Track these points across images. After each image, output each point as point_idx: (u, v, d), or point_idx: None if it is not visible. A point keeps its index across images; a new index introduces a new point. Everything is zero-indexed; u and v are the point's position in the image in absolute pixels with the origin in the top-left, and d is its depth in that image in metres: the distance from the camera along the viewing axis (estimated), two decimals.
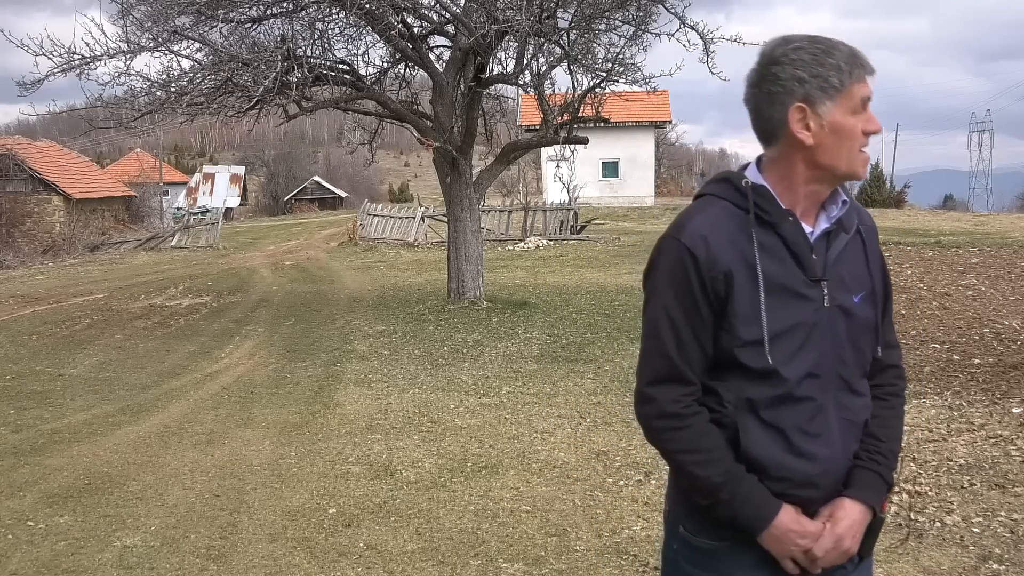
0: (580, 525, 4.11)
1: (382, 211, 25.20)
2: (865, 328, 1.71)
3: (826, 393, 1.67)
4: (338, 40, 10.89)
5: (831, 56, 1.61)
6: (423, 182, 79.93)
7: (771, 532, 1.63)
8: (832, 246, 1.68)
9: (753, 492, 1.63)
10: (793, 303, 1.63)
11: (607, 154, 34.71)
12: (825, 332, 1.65)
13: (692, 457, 1.67)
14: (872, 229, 1.76)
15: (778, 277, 1.63)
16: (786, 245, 1.64)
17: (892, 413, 1.77)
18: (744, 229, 1.64)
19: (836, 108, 1.61)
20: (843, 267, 1.68)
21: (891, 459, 1.72)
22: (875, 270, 1.73)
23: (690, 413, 1.67)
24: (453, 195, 11.11)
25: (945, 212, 31.80)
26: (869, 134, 1.64)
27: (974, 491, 4.31)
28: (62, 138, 43.81)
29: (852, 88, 1.60)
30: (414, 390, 6.98)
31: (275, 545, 4.02)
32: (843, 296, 1.67)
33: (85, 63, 9.38)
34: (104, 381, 7.86)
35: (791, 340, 1.63)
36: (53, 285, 16.74)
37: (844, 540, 1.65)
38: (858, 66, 1.61)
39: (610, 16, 10.20)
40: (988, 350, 7.48)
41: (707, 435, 1.67)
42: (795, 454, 1.64)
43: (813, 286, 1.65)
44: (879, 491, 1.70)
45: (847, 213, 1.70)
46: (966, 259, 14.03)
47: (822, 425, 1.66)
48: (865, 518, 1.68)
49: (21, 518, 4.46)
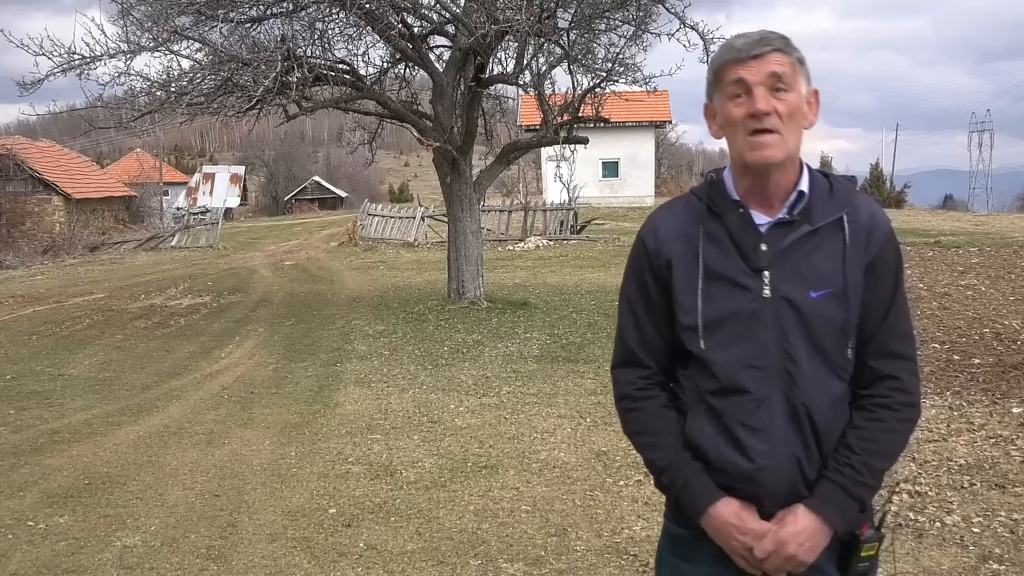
0: (580, 525, 4.11)
1: (382, 211, 25.20)
2: (826, 326, 1.61)
3: (769, 387, 1.61)
4: (338, 40, 10.90)
5: (719, 50, 1.68)
6: (423, 182, 79.86)
7: (709, 522, 1.65)
8: (787, 237, 1.62)
9: (693, 480, 1.66)
10: (731, 292, 1.63)
11: (607, 154, 34.69)
12: (766, 324, 1.61)
13: (642, 439, 1.76)
14: (868, 229, 1.64)
15: (719, 266, 1.64)
16: (730, 235, 1.65)
17: (877, 426, 1.62)
18: (698, 220, 1.69)
19: (719, 98, 1.65)
20: (800, 260, 1.62)
21: (863, 473, 1.60)
22: (853, 270, 1.62)
23: (642, 396, 1.75)
24: (453, 195, 11.11)
25: (945, 212, 31.83)
26: (751, 116, 1.59)
27: (974, 491, 4.30)
28: (62, 138, 43.80)
29: (723, 75, 1.62)
30: (414, 390, 6.98)
31: (275, 545, 4.02)
32: (793, 289, 1.61)
33: (85, 63, 9.38)
34: (104, 381, 7.86)
35: (726, 329, 1.63)
36: (53, 285, 16.74)
37: (787, 546, 1.58)
38: (728, 52, 1.62)
39: (610, 16, 10.20)
40: (988, 350, 7.47)
41: (658, 419, 1.73)
42: (733, 446, 1.63)
43: (754, 276, 1.62)
44: (839, 505, 1.59)
45: (822, 206, 1.64)
46: (966, 259, 14.02)
47: (764, 420, 1.61)
48: (820, 530, 1.59)
49: (21, 518, 4.46)
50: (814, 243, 1.63)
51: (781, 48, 1.60)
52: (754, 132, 1.59)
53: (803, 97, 1.64)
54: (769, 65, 1.58)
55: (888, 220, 1.68)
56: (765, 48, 1.59)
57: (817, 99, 1.68)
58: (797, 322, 1.61)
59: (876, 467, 1.61)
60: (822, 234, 1.63)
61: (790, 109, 1.60)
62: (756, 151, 1.60)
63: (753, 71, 1.58)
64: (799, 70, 1.63)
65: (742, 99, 1.60)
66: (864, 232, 1.63)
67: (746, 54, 1.59)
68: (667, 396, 1.75)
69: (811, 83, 1.67)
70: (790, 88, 1.60)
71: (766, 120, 1.58)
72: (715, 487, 1.65)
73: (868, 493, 1.62)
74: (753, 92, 1.58)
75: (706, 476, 1.66)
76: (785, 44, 1.62)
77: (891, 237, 1.67)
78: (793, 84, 1.61)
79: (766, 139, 1.58)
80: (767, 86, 1.58)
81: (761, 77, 1.58)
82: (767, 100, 1.58)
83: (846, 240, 1.62)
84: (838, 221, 1.63)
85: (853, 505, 1.61)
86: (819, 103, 1.69)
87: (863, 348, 1.65)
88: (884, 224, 1.66)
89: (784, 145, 1.60)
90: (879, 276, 1.64)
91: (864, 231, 1.64)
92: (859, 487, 1.60)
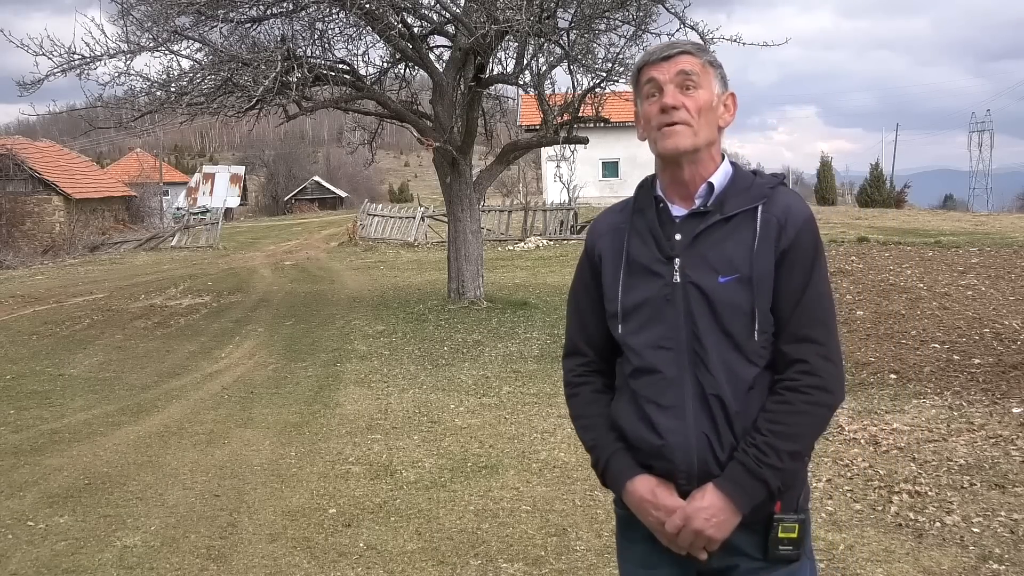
0: (580, 525, 4.11)
1: (382, 211, 25.20)
2: (732, 310, 1.67)
3: (679, 368, 1.70)
4: (338, 40, 10.91)
5: (638, 59, 1.82)
6: (423, 182, 79.90)
7: (628, 498, 1.77)
8: (698, 226, 1.72)
9: (614, 458, 1.79)
10: (647, 279, 1.75)
11: (607, 154, 34.66)
12: (677, 307, 1.71)
13: (577, 423, 1.92)
14: (781, 220, 1.69)
15: (638, 256, 1.77)
16: (650, 227, 1.77)
17: (784, 408, 1.67)
18: (629, 217, 1.83)
19: (641, 101, 1.79)
20: (709, 248, 1.70)
21: (768, 454, 1.64)
22: (762, 258, 1.67)
23: (579, 382, 1.92)
24: (453, 195, 11.11)
25: (945, 212, 31.80)
26: (661, 111, 1.71)
27: (974, 491, 4.30)
28: (62, 138, 43.82)
29: (640, 77, 1.77)
30: (414, 390, 6.98)
31: (275, 545, 4.02)
32: (700, 275, 1.69)
33: (85, 63, 9.38)
34: (104, 381, 7.86)
35: (641, 313, 1.75)
36: (53, 285, 16.74)
37: (693, 520, 1.65)
38: (644, 57, 1.79)
39: (610, 16, 10.19)
40: (988, 350, 7.47)
41: (591, 404, 1.88)
42: (644, 423, 1.73)
43: (666, 263, 1.73)
44: (744, 485, 1.64)
45: (735, 198, 1.72)
46: (966, 259, 14.02)
47: (674, 399, 1.70)
48: (725, 507, 1.64)
49: (21, 518, 4.46)
50: (725, 232, 1.71)
51: (690, 51, 1.74)
52: (665, 125, 1.71)
53: (715, 95, 1.75)
54: (678, 65, 1.72)
55: (805, 211, 1.74)
56: (674, 51, 1.74)
57: (734, 101, 1.81)
58: (705, 306, 1.69)
59: (781, 448, 1.65)
60: (735, 223, 1.71)
61: (699, 104, 1.71)
62: (664, 139, 1.72)
63: (663, 70, 1.72)
64: (711, 71, 1.75)
65: (656, 97, 1.73)
66: (777, 223, 1.70)
67: (657, 56, 1.74)
68: (603, 383, 1.89)
69: (727, 87, 1.80)
70: (699, 86, 1.72)
71: (675, 113, 1.70)
72: (635, 465, 1.75)
73: (774, 474, 1.65)
74: (663, 89, 1.72)
75: (627, 455, 1.77)
76: (696, 48, 1.76)
77: (807, 227, 1.72)
78: (702, 82, 1.73)
79: (675, 128, 1.71)
80: (676, 84, 1.71)
81: (670, 75, 1.72)
82: (675, 96, 1.71)
83: (756, 229, 1.69)
84: (751, 211, 1.71)
85: (758, 486, 1.65)
86: (736, 105, 1.81)
87: (777, 334, 1.71)
88: (799, 215, 1.72)
89: (693, 136, 1.71)
90: (792, 264, 1.69)
91: (777, 221, 1.70)
92: (763, 468, 1.64)
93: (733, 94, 1.80)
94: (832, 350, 1.72)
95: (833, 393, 1.70)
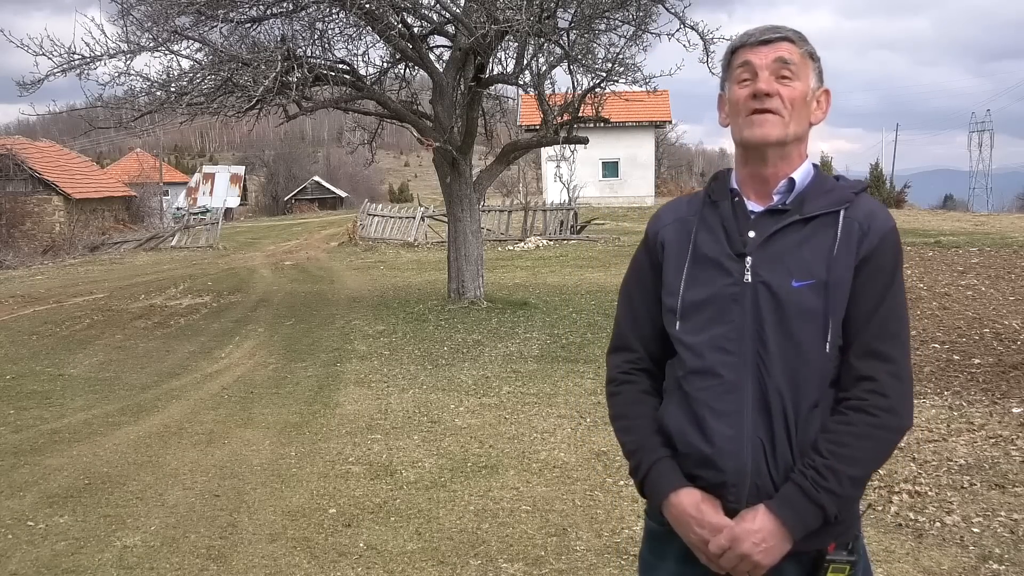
0: (580, 525, 4.11)
1: (382, 211, 25.20)
2: (803, 317, 1.56)
3: (740, 373, 1.59)
4: (338, 40, 10.91)
5: (734, 40, 1.71)
6: (423, 182, 79.88)
7: (669, 510, 1.64)
8: (775, 225, 1.62)
9: (658, 465, 1.66)
10: (713, 275, 1.64)
11: (607, 154, 34.70)
12: (744, 308, 1.60)
13: (618, 423, 1.78)
14: (863, 227, 1.60)
15: (706, 248, 1.66)
16: (722, 220, 1.67)
17: (849, 430, 1.55)
18: (698, 209, 1.73)
19: (729, 85, 1.69)
20: (786, 249, 1.60)
21: (827, 478, 1.52)
22: (840, 265, 1.57)
23: (624, 380, 1.78)
24: (453, 195, 11.11)
25: (945, 212, 31.82)
26: (753, 96, 1.62)
27: (974, 491, 4.30)
28: (62, 138, 43.81)
29: (733, 60, 1.67)
30: (414, 390, 6.98)
31: (275, 545, 4.02)
32: (773, 276, 1.59)
33: (85, 63, 9.38)
34: (104, 381, 7.86)
35: (703, 312, 1.64)
36: (53, 285, 16.74)
37: (741, 543, 1.53)
38: (741, 38, 1.67)
39: (610, 16, 10.20)
40: (988, 350, 7.47)
41: (635, 404, 1.75)
42: (696, 428, 1.61)
43: (737, 260, 1.62)
44: (799, 510, 1.52)
45: (816, 199, 1.62)
46: (966, 259, 14.02)
47: (733, 404, 1.58)
48: (777, 532, 1.53)
49: (21, 518, 4.46)
50: (805, 234, 1.61)
51: (792, 39, 1.64)
52: (755, 111, 1.62)
53: (810, 89, 1.65)
54: (777, 51, 1.62)
55: (890, 220, 1.64)
56: (775, 35, 1.64)
57: (828, 98, 1.70)
58: (775, 310, 1.58)
59: (843, 473, 1.53)
60: (814, 226, 1.61)
61: (793, 96, 1.62)
62: (753, 127, 1.62)
63: (761, 55, 1.62)
64: (809, 64, 1.65)
65: (748, 82, 1.63)
66: (859, 229, 1.60)
67: (756, 39, 1.64)
68: (650, 383, 1.76)
69: (823, 83, 1.69)
70: (796, 77, 1.62)
71: (767, 101, 1.61)
72: (680, 475, 1.63)
73: (832, 500, 1.53)
74: (758, 74, 1.62)
75: (672, 462, 1.65)
76: (797, 36, 1.65)
77: (889, 237, 1.62)
78: (800, 73, 1.63)
79: (766, 116, 1.61)
80: (773, 71, 1.62)
81: (767, 61, 1.62)
82: (770, 82, 1.61)
83: (838, 234, 1.60)
84: (833, 215, 1.61)
85: (814, 511, 1.53)
86: (829, 103, 1.71)
87: (847, 346, 1.59)
88: (883, 224, 1.62)
89: (784, 127, 1.61)
90: (870, 275, 1.59)
91: (859, 227, 1.60)
92: (821, 492, 1.52)
93: (828, 91, 1.70)
94: (903, 368, 1.59)
95: (901, 417, 1.58)
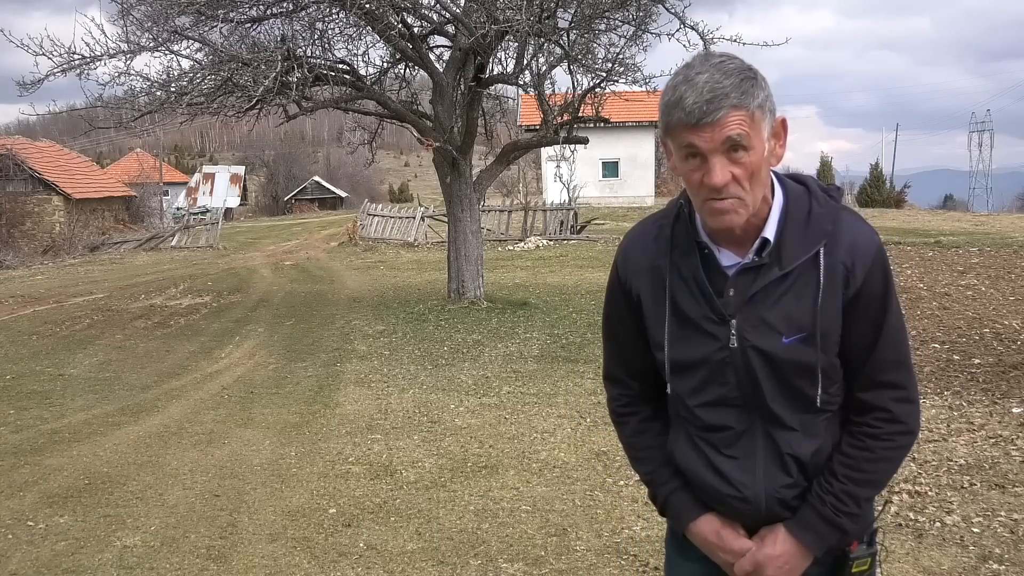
0: (580, 525, 4.11)
1: (382, 211, 25.21)
2: (798, 369, 1.54)
3: (747, 421, 1.60)
4: (338, 40, 10.90)
5: (667, 93, 1.46)
6: (423, 182, 79.91)
7: (692, 537, 1.69)
8: (755, 283, 1.53)
9: (674, 496, 1.71)
10: (699, 338, 1.58)
11: (607, 154, 34.70)
12: (738, 370, 1.56)
13: (629, 452, 1.84)
14: (847, 265, 1.51)
15: (686, 307, 1.58)
16: (694, 276, 1.57)
17: (863, 455, 1.57)
18: (667, 251, 1.61)
19: (673, 148, 1.49)
20: (769, 307, 1.53)
21: (847, 503, 1.56)
22: (828, 311, 1.51)
23: (627, 412, 1.80)
24: (453, 195, 11.11)
25: (945, 212, 31.80)
26: (710, 187, 1.45)
27: (974, 491, 4.30)
28: (62, 138, 43.86)
29: (674, 136, 1.46)
30: (414, 390, 6.98)
31: (275, 545, 4.02)
32: (761, 338, 1.53)
33: (85, 63, 9.38)
34: (104, 381, 7.86)
35: (697, 373, 1.60)
36: (53, 285, 16.74)
37: (765, 568, 1.58)
38: (677, 113, 1.43)
39: (610, 16, 10.20)
40: (988, 350, 7.47)
41: (641, 435, 1.78)
42: (711, 470, 1.63)
43: (720, 324, 1.55)
44: (820, 533, 1.57)
45: (794, 244, 1.52)
46: (966, 259, 14.02)
47: (743, 450, 1.61)
48: (799, 554, 1.58)
49: (21, 518, 4.46)
50: (785, 287, 1.52)
51: (736, 103, 1.40)
52: (712, 199, 1.47)
53: (765, 146, 1.47)
54: (724, 131, 1.41)
55: (871, 245, 1.53)
56: (719, 112, 1.40)
57: (784, 128, 1.53)
58: (769, 368, 1.55)
59: (861, 496, 1.58)
60: (794, 276, 1.52)
61: (749, 171, 1.45)
62: (716, 217, 1.49)
63: (707, 139, 1.42)
64: (760, 118, 1.44)
65: (697, 162, 1.45)
66: (843, 269, 1.51)
67: (696, 119, 1.41)
68: (651, 410, 1.76)
69: (775, 114, 1.50)
70: (749, 147, 1.43)
71: (723, 191, 1.45)
72: (696, 504, 1.67)
73: (852, 521, 1.59)
74: (708, 161, 1.43)
75: (686, 493, 1.69)
76: (741, 95, 1.41)
77: (876, 263, 1.52)
78: (753, 141, 1.43)
79: (725, 205, 1.46)
80: (724, 153, 1.43)
81: (715, 144, 1.42)
82: (723, 171, 1.43)
83: (820, 281, 1.51)
84: (813, 259, 1.51)
85: (835, 533, 1.58)
86: (787, 131, 1.53)
87: (851, 380, 1.59)
88: (866, 252, 1.52)
89: (746, 207, 1.47)
90: (863, 309, 1.53)
91: (843, 268, 1.51)
92: (841, 516, 1.57)
93: (783, 120, 1.52)
94: (912, 389, 1.60)
95: (915, 431, 1.62)
